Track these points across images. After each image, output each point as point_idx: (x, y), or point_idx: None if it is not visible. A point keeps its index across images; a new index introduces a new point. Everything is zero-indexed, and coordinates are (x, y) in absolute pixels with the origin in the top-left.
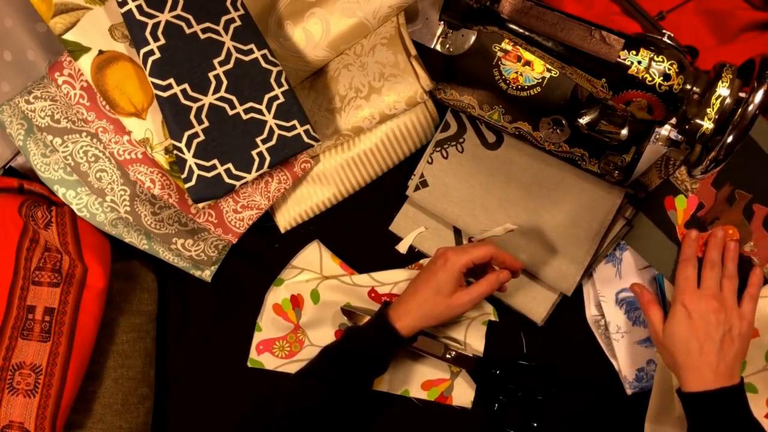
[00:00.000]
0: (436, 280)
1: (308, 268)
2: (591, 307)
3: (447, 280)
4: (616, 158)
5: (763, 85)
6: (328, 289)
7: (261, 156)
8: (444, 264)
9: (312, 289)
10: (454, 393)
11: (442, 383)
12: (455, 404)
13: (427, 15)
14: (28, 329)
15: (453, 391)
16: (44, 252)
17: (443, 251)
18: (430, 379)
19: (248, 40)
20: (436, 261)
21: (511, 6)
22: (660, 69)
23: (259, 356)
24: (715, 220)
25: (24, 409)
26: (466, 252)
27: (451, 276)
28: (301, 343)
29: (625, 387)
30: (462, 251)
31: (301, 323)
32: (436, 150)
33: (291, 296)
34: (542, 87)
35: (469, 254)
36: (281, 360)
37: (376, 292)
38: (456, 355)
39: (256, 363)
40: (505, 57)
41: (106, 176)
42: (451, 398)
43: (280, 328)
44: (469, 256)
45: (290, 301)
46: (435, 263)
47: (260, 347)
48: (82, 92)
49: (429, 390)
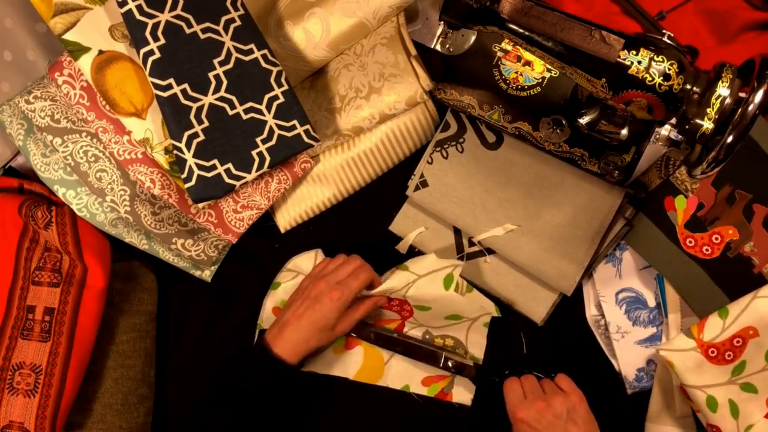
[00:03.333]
0: (325, 321)
1: (303, 272)
2: (591, 307)
3: (335, 318)
4: (616, 158)
5: (763, 85)
6: None
7: (261, 156)
8: (331, 303)
9: None
10: (455, 390)
11: (443, 380)
12: (455, 401)
13: (427, 15)
14: (28, 329)
15: (453, 388)
16: (44, 252)
17: (325, 288)
18: (431, 375)
19: (248, 40)
20: (320, 299)
21: (511, 6)
22: (660, 69)
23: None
24: (715, 220)
25: (24, 409)
26: (349, 286)
27: (339, 314)
28: None
29: (625, 387)
30: (345, 286)
31: None
32: (436, 150)
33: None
34: (542, 87)
35: (352, 289)
36: None
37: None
38: (456, 364)
39: None
40: (505, 57)
41: (106, 176)
42: (452, 395)
43: None
44: (354, 290)
45: None
46: (320, 301)
47: None
48: (82, 92)
49: (429, 386)
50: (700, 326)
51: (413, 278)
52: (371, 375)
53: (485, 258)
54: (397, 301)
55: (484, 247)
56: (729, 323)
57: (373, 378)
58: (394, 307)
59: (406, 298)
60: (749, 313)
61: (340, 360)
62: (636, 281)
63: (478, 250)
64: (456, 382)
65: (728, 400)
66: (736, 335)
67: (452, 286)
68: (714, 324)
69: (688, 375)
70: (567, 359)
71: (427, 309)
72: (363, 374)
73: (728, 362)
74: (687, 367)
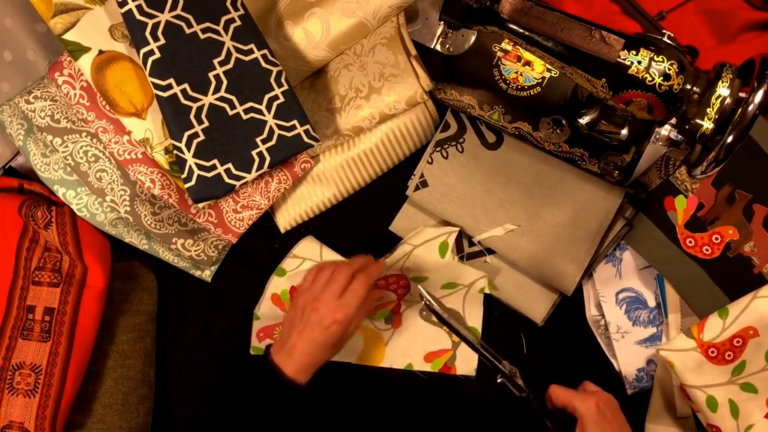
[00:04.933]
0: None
1: (309, 257)
2: (591, 307)
3: (343, 334)
4: (616, 158)
5: (763, 85)
6: None
7: (261, 156)
8: (337, 325)
9: None
10: (458, 362)
11: (445, 353)
12: (459, 373)
13: (427, 15)
14: (28, 329)
15: (456, 360)
16: (44, 252)
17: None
18: (432, 350)
19: (248, 40)
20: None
21: (511, 6)
22: (660, 69)
23: (261, 343)
24: (715, 220)
25: (24, 409)
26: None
27: (346, 329)
28: None
29: (625, 387)
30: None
31: None
32: (436, 150)
33: (291, 287)
34: (542, 87)
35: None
36: None
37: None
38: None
39: (259, 350)
40: (505, 57)
41: (106, 176)
42: (455, 368)
43: (277, 317)
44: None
45: (289, 292)
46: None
47: (261, 334)
48: (82, 92)
49: (432, 362)
50: (700, 326)
51: (409, 249)
52: (373, 357)
53: (485, 258)
54: (393, 278)
55: (484, 247)
56: (729, 323)
57: (376, 360)
58: (391, 285)
59: (403, 271)
60: (749, 313)
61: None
62: (636, 281)
63: (478, 250)
64: (458, 354)
65: (728, 400)
66: (736, 335)
67: (447, 253)
68: (714, 324)
69: (688, 375)
70: (567, 359)
71: (424, 279)
72: (365, 357)
73: (728, 362)
74: (687, 367)
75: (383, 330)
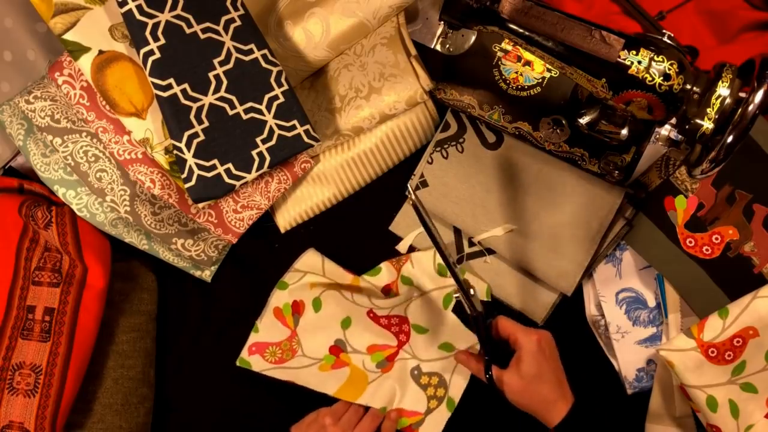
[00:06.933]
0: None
1: (311, 271)
2: (591, 307)
3: None
4: (616, 158)
5: (763, 85)
6: (331, 300)
7: (261, 156)
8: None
9: (315, 296)
10: (422, 429)
11: (415, 416)
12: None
13: (427, 15)
14: (28, 329)
15: (421, 426)
16: (44, 252)
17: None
18: (406, 409)
19: (248, 40)
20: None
21: (511, 6)
22: (660, 69)
23: (249, 357)
24: (715, 220)
25: (24, 409)
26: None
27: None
28: (293, 351)
29: (625, 387)
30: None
31: (297, 329)
32: (436, 150)
33: (293, 301)
34: (542, 87)
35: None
36: (270, 364)
37: (375, 314)
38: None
39: (245, 363)
40: (505, 57)
41: (106, 176)
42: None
43: (277, 332)
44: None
45: (291, 306)
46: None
47: (252, 348)
48: (82, 92)
49: (401, 419)
50: (700, 326)
51: (416, 294)
52: (353, 393)
53: (485, 258)
54: (396, 319)
55: (484, 247)
56: (729, 323)
57: (353, 396)
58: (393, 327)
59: (407, 315)
60: (749, 313)
61: (324, 377)
62: (636, 281)
63: (478, 250)
64: (427, 420)
65: (728, 400)
66: (736, 335)
67: (450, 306)
68: (714, 324)
69: (688, 375)
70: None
71: (424, 331)
72: (343, 391)
73: (728, 362)
74: (687, 367)
75: (371, 371)
